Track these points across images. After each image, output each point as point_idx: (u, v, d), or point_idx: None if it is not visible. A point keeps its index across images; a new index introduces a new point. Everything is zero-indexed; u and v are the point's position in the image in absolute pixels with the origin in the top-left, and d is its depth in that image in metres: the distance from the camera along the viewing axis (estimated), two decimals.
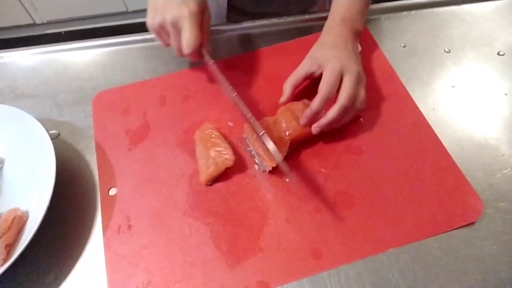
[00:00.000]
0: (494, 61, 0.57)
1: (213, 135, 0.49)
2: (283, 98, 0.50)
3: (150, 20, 0.50)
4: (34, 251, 0.44)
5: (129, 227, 0.46)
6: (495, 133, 0.50)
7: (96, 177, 0.50)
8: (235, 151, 0.50)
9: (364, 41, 0.59)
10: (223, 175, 0.48)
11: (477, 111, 0.52)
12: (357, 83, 0.47)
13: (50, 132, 0.54)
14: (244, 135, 0.50)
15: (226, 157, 0.47)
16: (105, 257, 0.44)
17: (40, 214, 0.42)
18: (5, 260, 0.42)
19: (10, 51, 0.64)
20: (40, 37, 1.87)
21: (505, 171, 0.47)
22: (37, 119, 0.49)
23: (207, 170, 0.47)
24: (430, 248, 0.42)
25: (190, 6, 0.48)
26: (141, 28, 0.58)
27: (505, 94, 0.54)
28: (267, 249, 0.43)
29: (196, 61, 0.55)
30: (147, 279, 0.43)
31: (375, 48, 0.59)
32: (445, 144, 0.49)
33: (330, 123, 0.47)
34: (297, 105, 0.50)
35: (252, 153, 0.50)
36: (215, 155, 0.47)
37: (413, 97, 0.54)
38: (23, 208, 0.47)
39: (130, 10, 1.76)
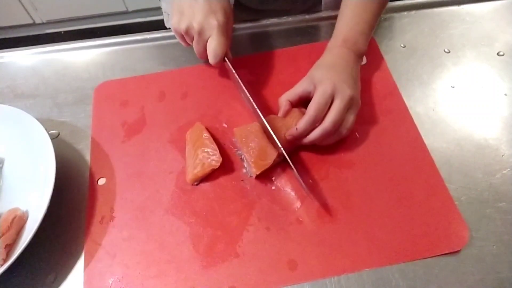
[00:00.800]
0: (494, 61, 0.57)
1: (203, 136, 0.50)
2: (281, 113, 0.50)
3: (176, 23, 0.51)
4: (34, 251, 0.44)
5: (112, 218, 0.47)
6: (495, 133, 0.50)
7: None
8: (225, 154, 0.50)
9: (369, 52, 0.58)
10: (210, 177, 0.49)
11: (477, 111, 0.52)
12: (346, 108, 0.46)
13: (50, 132, 0.54)
14: (234, 139, 0.51)
15: (213, 158, 0.47)
16: (84, 246, 0.45)
17: (40, 214, 0.42)
18: (5, 260, 0.42)
19: (10, 51, 0.64)
20: (40, 37, 1.87)
21: (505, 171, 0.47)
22: (37, 119, 0.49)
23: (193, 170, 0.47)
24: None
25: (218, 17, 0.49)
26: (141, 28, 0.59)
27: (505, 94, 0.54)
28: (244, 255, 0.43)
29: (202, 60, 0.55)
30: (123, 272, 0.43)
31: (379, 59, 0.58)
32: (445, 144, 0.49)
33: (311, 142, 0.47)
34: (293, 113, 0.50)
35: (242, 157, 0.50)
36: (202, 156, 0.48)
37: (413, 97, 0.54)
38: (23, 208, 0.47)
39: (130, 10, 1.76)
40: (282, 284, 0.41)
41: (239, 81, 0.51)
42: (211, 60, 0.50)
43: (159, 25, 0.68)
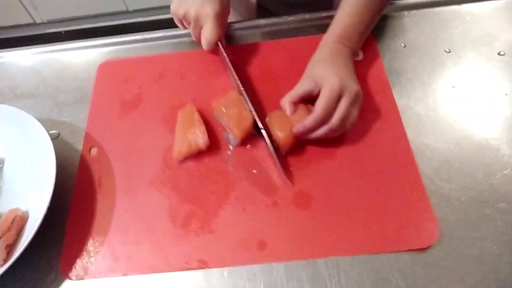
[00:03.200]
0: (494, 61, 0.57)
1: (194, 117, 0.51)
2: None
3: (175, 8, 0.54)
4: (34, 251, 0.44)
5: (99, 185, 0.49)
6: (495, 133, 0.50)
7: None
8: (213, 135, 0.52)
9: (366, 47, 0.58)
10: (197, 156, 0.50)
11: (477, 111, 0.52)
12: (353, 104, 0.47)
13: (50, 132, 0.54)
14: (215, 114, 0.53)
15: (200, 140, 0.49)
16: (69, 211, 0.47)
17: (40, 214, 0.42)
18: (5, 260, 0.42)
19: (10, 51, 0.64)
20: (40, 37, 1.87)
21: (505, 172, 0.47)
22: (37, 119, 0.49)
23: (179, 148, 0.49)
24: (430, 248, 0.42)
25: (214, 6, 0.52)
26: (141, 27, 0.59)
27: (506, 94, 0.54)
28: (217, 231, 0.45)
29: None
30: (101, 237, 0.46)
31: (375, 57, 0.58)
32: (445, 144, 0.49)
33: (317, 138, 0.47)
34: (298, 108, 0.49)
35: (229, 138, 0.51)
36: (191, 136, 0.49)
37: (413, 97, 0.54)
38: (23, 208, 0.47)
39: (130, 9, 1.76)
40: (249, 262, 0.43)
41: (230, 66, 0.53)
42: (204, 46, 0.54)
43: (159, 25, 0.69)
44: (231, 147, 0.51)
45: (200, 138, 0.49)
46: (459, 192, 0.46)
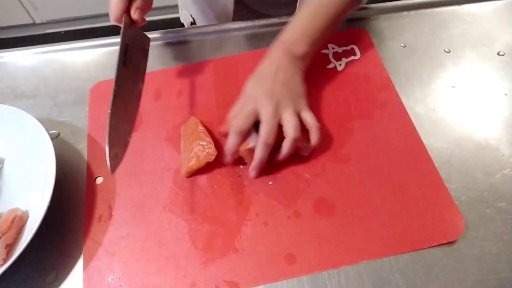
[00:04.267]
0: (494, 61, 0.57)
1: (198, 129, 0.50)
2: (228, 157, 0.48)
3: None
4: (34, 251, 0.44)
5: (110, 216, 0.47)
6: (495, 133, 0.50)
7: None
8: (221, 148, 0.50)
9: (362, 45, 0.59)
10: (207, 173, 0.49)
11: (477, 111, 0.52)
12: (297, 112, 0.46)
13: (50, 132, 0.54)
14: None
15: (209, 151, 0.47)
16: (84, 245, 0.45)
17: (40, 214, 0.42)
18: (5, 260, 0.42)
19: (10, 51, 0.64)
20: (40, 37, 1.87)
21: (505, 171, 0.47)
22: (37, 119, 0.49)
23: (188, 163, 0.48)
24: (430, 248, 0.42)
25: None
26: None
27: (505, 94, 0.54)
28: (242, 249, 0.43)
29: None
30: (122, 269, 0.43)
31: (373, 54, 0.58)
32: (445, 144, 0.49)
33: (286, 157, 0.46)
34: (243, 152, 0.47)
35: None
36: (198, 149, 0.48)
37: (413, 97, 0.54)
38: (23, 208, 0.47)
39: None
40: (281, 278, 0.42)
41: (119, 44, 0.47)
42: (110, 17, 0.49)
43: (159, 25, 0.68)
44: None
45: (208, 149, 0.47)
46: (459, 192, 0.46)
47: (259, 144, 0.45)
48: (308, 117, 0.47)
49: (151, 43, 0.64)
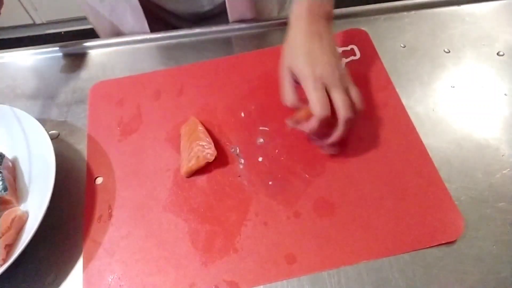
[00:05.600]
0: (494, 61, 0.57)
1: (198, 129, 0.50)
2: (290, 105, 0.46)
3: None
4: (34, 251, 0.44)
5: (110, 216, 0.47)
6: (495, 133, 0.50)
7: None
8: (221, 149, 0.50)
9: (362, 46, 0.59)
10: (207, 173, 0.49)
11: (477, 111, 0.52)
12: (345, 88, 0.44)
13: (50, 132, 0.54)
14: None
15: (208, 151, 0.47)
16: (83, 245, 0.45)
17: (40, 214, 0.42)
18: (5, 260, 0.42)
19: (10, 51, 0.64)
20: (40, 37, 1.87)
21: (505, 171, 0.47)
22: (37, 119, 0.49)
23: (187, 163, 0.48)
24: (430, 248, 0.42)
25: None
26: None
27: (505, 94, 0.54)
28: (242, 249, 0.43)
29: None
30: (122, 269, 0.43)
31: (373, 54, 0.58)
32: (445, 144, 0.49)
33: (342, 136, 0.45)
34: (300, 112, 0.47)
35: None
36: (197, 149, 0.48)
37: (413, 97, 0.54)
38: (23, 208, 0.47)
39: None
40: (281, 278, 0.42)
41: None
42: None
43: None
44: (242, 160, 0.50)
45: (208, 149, 0.48)
46: (459, 192, 0.46)
47: (342, 121, 0.43)
48: (356, 92, 0.45)
49: (152, 43, 0.64)
